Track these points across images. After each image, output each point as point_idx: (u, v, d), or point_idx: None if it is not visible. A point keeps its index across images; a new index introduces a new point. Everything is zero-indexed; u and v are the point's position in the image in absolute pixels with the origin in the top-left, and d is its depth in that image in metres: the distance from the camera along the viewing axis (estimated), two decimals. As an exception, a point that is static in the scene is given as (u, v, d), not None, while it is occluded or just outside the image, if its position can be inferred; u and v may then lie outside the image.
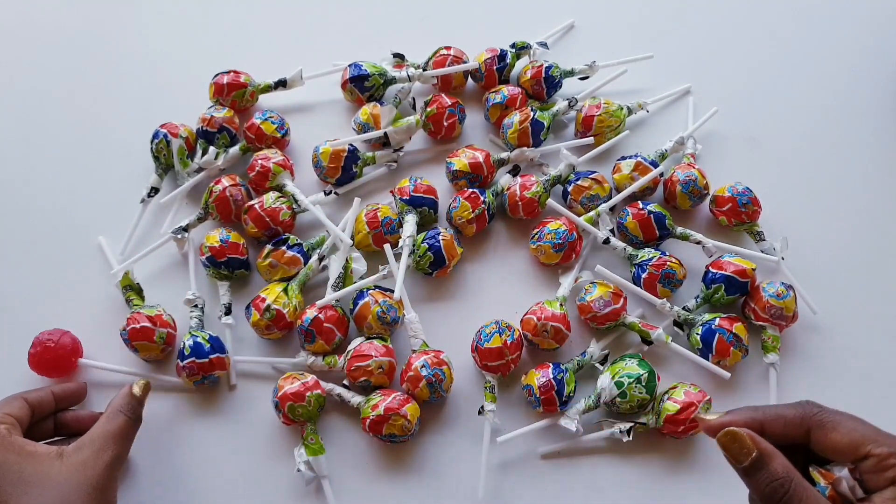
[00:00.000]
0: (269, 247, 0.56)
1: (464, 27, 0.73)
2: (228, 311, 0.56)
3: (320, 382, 0.52)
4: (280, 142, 0.63)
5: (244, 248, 0.57)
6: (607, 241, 0.58)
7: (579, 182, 0.59)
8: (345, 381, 0.53)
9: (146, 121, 0.64)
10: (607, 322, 0.54)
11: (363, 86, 0.65)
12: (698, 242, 0.57)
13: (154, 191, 0.62)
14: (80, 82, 0.71)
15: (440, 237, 0.56)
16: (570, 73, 0.67)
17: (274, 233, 0.58)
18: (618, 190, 0.60)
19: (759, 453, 0.32)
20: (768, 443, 0.32)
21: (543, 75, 0.64)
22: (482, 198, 0.58)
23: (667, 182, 0.61)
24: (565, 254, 0.57)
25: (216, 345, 0.53)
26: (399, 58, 0.68)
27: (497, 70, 0.66)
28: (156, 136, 0.62)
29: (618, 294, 0.54)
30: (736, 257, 0.56)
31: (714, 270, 0.55)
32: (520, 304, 0.56)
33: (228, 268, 0.56)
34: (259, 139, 0.62)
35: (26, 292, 0.59)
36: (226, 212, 0.58)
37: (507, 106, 0.63)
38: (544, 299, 0.55)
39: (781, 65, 0.71)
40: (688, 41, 0.72)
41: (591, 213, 0.58)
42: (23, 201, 0.64)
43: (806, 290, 0.56)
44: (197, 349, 0.52)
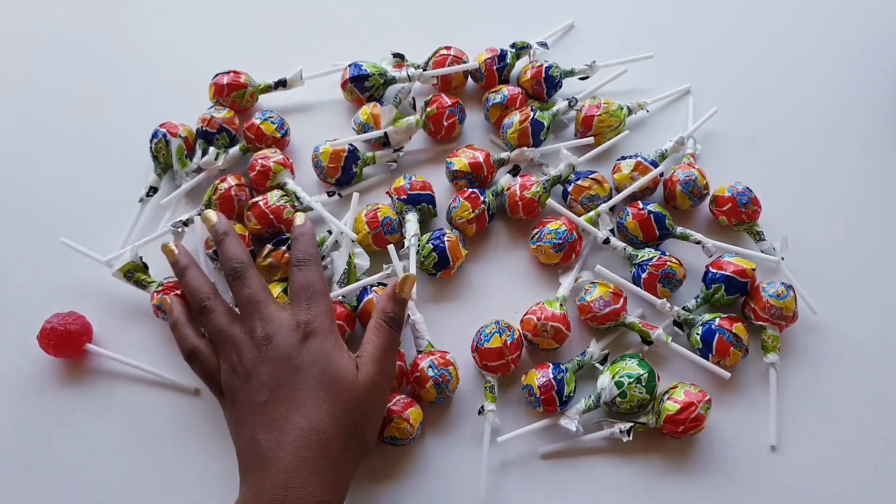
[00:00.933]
0: (269, 247, 0.56)
1: (464, 27, 0.73)
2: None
3: None
4: (280, 142, 0.63)
5: (249, 241, 0.57)
6: (607, 241, 0.58)
7: (579, 182, 0.59)
8: None
9: (145, 120, 0.64)
10: (607, 322, 0.54)
11: (363, 86, 0.65)
12: (698, 242, 0.57)
13: (153, 190, 0.62)
14: (79, 81, 0.71)
15: (445, 238, 0.56)
16: (570, 73, 0.67)
17: (276, 230, 0.58)
18: (618, 190, 0.60)
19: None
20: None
21: (543, 75, 0.64)
22: (482, 198, 0.58)
23: (667, 182, 0.61)
24: (565, 254, 0.57)
25: None
26: (399, 58, 0.68)
27: (497, 70, 0.66)
28: (155, 135, 0.62)
29: (618, 294, 0.54)
30: (736, 257, 0.56)
31: (714, 270, 0.55)
32: (519, 304, 0.56)
33: None
34: (259, 139, 0.62)
35: (31, 287, 0.60)
36: (228, 210, 0.58)
37: (507, 106, 0.63)
38: (544, 299, 0.55)
39: (781, 65, 0.71)
40: (688, 41, 0.72)
41: (591, 213, 0.58)
42: (23, 199, 0.64)
43: (806, 290, 0.56)
44: None
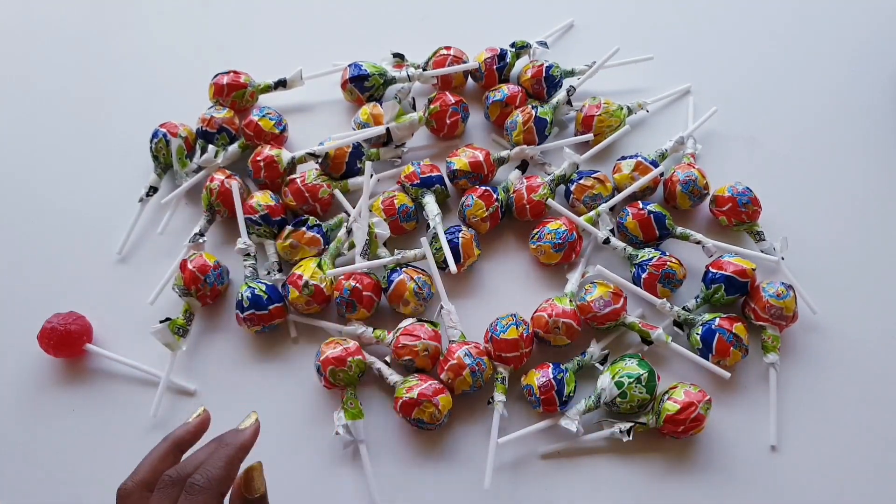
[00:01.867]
0: (289, 227, 0.57)
1: (464, 27, 0.73)
2: (280, 269, 0.58)
3: (363, 350, 0.53)
4: (278, 138, 0.63)
5: (285, 210, 0.60)
6: (607, 241, 0.58)
7: (582, 181, 0.59)
8: (387, 358, 0.54)
9: (145, 120, 0.64)
10: (607, 322, 0.54)
11: (363, 86, 0.65)
12: (698, 242, 0.57)
13: (153, 190, 0.62)
14: (79, 81, 0.71)
15: (460, 235, 0.56)
16: (571, 72, 0.67)
17: (311, 208, 0.59)
18: (618, 190, 0.60)
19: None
20: None
21: (544, 74, 0.64)
22: (495, 195, 0.58)
23: (667, 182, 0.61)
24: (565, 254, 0.57)
25: (273, 295, 0.55)
26: (399, 58, 0.68)
27: (497, 69, 0.66)
28: (155, 135, 0.62)
29: (618, 294, 0.54)
30: (736, 257, 0.56)
31: (714, 270, 0.55)
32: (527, 301, 0.56)
33: (281, 226, 0.58)
34: (257, 136, 0.62)
35: (31, 287, 0.60)
36: (229, 203, 0.58)
37: (507, 104, 0.63)
38: (553, 296, 0.55)
39: (781, 64, 0.71)
40: (688, 41, 0.72)
41: (591, 213, 0.58)
42: (23, 199, 0.64)
43: (806, 290, 0.56)
44: (256, 301, 0.54)
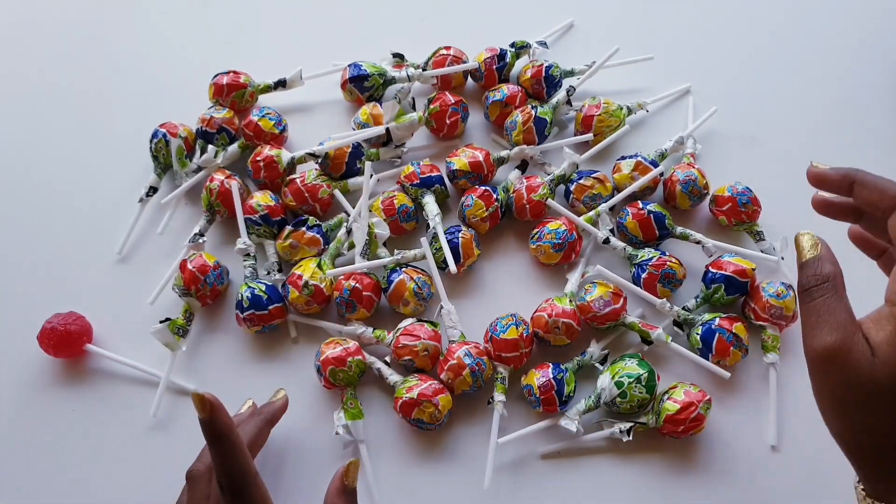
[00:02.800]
0: (289, 228, 0.57)
1: (463, 27, 0.73)
2: (280, 269, 0.58)
3: (363, 351, 0.53)
4: (278, 138, 0.63)
5: (285, 210, 0.60)
6: (607, 241, 0.58)
7: (582, 181, 0.59)
8: (387, 358, 0.54)
9: (145, 120, 0.64)
10: (607, 322, 0.54)
11: (363, 86, 0.65)
12: (698, 242, 0.57)
13: (152, 190, 0.62)
14: (80, 81, 0.71)
15: (460, 235, 0.56)
16: (570, 72, 0.67)
17: (311, 208, 0.59)
18: (618, 190, 0.60)
19: (818, 255, 0.37)
20: (832, 255, 0.37)
21: (544, 74, 0.64)
22: (495, 195, 0.58)
23: (667, 182, 0.61)
24: (565, 254, 0.57)
25: (273, 295, 0.55)
26: (399, 58, 0.68)
27: (497, 69, 0.66)
28: (155, 135, 0.62)
29: (618, 294, 0.54)
30: (736, 257, 0.56)
31: (714, 270, 0.55)
32: (526, 301, 0.56)
33: (280, 226, 0.58)
34: (257, 136, 0.62)
35: (31, 287, 0.60)
36: (229, 204, 0.58)
37: (506, 104, 0.63)
38: (553, 296, 0.55)
39: (781, 64, 0.71)
40: (687, 41, 0.72)
41: (591, 213, 0.58)
42: (23, 199, 0.64)
43: (806, 290, 0.56)
44: (256, 301, 0.54)
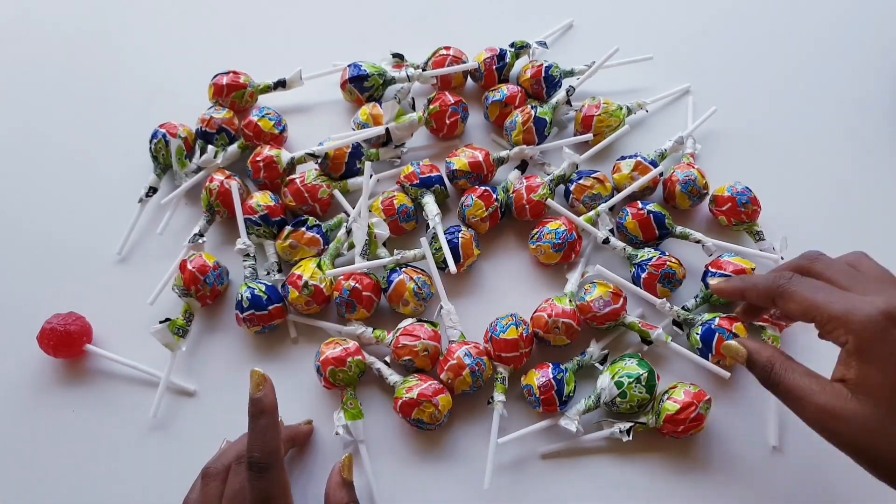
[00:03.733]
0: (288, 228, 0.57)
1: (463, 27, 0.73)
2: (279, 269, 0.58)
3: (363, 351, 0.53)
4: (277, 138, 0.63)
5: (284, 211, 0.60)
6: (607, 241, 0.58)
7: (581, 181, 0.59)
8: (387, 358, 0.54)
9: (145, 120, 0.64)
10: (607, 322, 0.54)
11: (362, 86, 0.65)
12: (698, 241, 0.57)
13: (152, 190, 0.62)
14: (79, 81, 0.71)
15: (459, 235, 0.57)
16: (570, 72, 0.67)
17: (311, 209, 0.59)
18: (617, 190, 0.60)
19: (748, 351, 0.42)
20: (755, 342, 0.42)
21: (543, 74, 0.64)
22: (494, 195, 0.58)
23: (666, 182, 0.61)
24: (565, 254, 0.57)
25: (273, 295, 0.55)
26: (398, 58, 0.68)
27: (496, 69, 0.66)
28: (154, 135, 0.62)
29: (617, 294, 0.54)
30: (735, 257, 0.56)
31: (714, 270, 0.55)
32: (526, 301, 0.56)
33: (280, 227, 0.58)
34: (257, 136, 0.62)
35: (31, 288, 0.60)
36: (229, 204, 0.58)
37: (506, 104, 0.63)
38: (553, 296, 0.55)
39: (781, 64, 0.71)
40: (687, 41, 0.72)
41: (591, 213, 0.58)
42: (23, 199, 0.64)
43: (806, 290, 0.56)
44: (256, 301, 0.54)
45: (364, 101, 0.65)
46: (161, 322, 0.54)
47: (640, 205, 0.58)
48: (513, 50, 0.67)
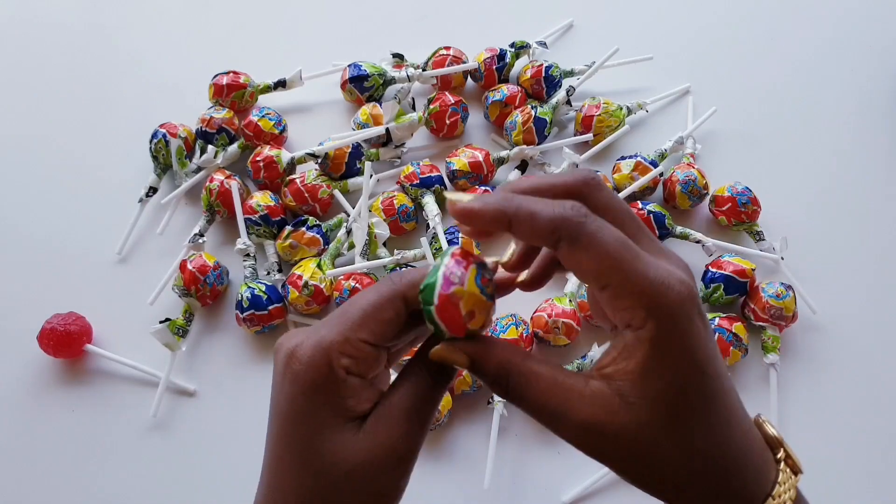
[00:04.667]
0: (288, 228, 0.57)
1: (463, 27, 0.73)
2: (280, 269, 0.58)
3: None
4: (278, 138, 0.63)
5: (284, 210, 0.60)
6: (607, 241, 0.57)
7: (579, 182, 0.59)
8: None
9: (145, 120, 0.64)
10: (607, 322, 0.54)
11: (363, 86, 0.65)
12: (698, 242, 0.57)
13: (152, 190, 0.62)
14: (79, 81, 0.71)
15: (460, 235, 0.57)
16: (570, 72, 0.67)
17: (311, 209, 0.59)
18: (618, 190, 0.60)
19: (472, 360, 0.28)
20: (481, 345, 0.28)
21: (543, 75, 0.64)
22: None
23: (666, 182, 0.61)
24: (565, 254, 0.57)
25: (273, 295, 0.55)
26: (398, 58, 0.68)
27: (496, 69, 0.66)
28: (155, 135, 0.62)
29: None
30: (735, 257, 0.56)
31: (713, 270, 0.55)
32: (526, 301, 0.55)
33: (280, 227, 0.58)
34: (257, 136, 0.62)
35: (31, 288, 0.60)
36: (229, 204, 0.58)
37: (506, 104, 0.63)
38: (553, 296, 0.55)
39: (781, 64, 0.71)
40: (687, 41, 0.72)
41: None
42: (23, 199, 0.64)
43: (805, 290, 0.56)
44: (256, 302, 0.54)
45: (364, 101, 0.65)
46: (161, 322, 0.54)
47: (640, 205, 0.58)
48: (513, 50, 0.67)
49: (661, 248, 0.28)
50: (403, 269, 0.30)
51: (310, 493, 0.28)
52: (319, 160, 0.61)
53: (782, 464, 0.29)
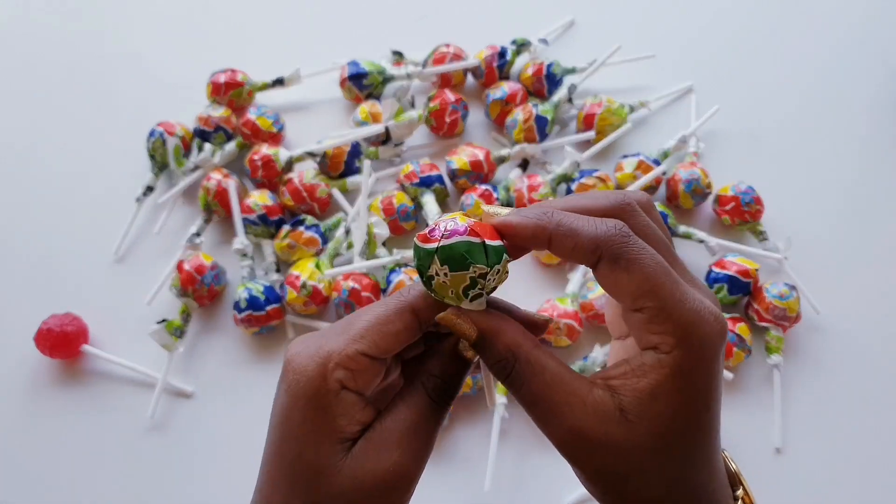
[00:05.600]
0: (286, 227, 0.57)
1: (463, 24, 0.72)
2: (278, 269, 0.57)
3: None
4: (276, 137, 0.62)
5: (282, 209, 0.59)
6: (609, 241, 0.57)
7: (583, 180, 0.59)
8: None
9: (143, 120, 0.63)
10: (609, 322, 0.53)
11: (362, 84, 0.64)
12: (701, 241, 0.57)
13: (149, 189, 0.61)
14: (77, 80, 0.70)
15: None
16: (572, 70, 0.66)
17: (309, 208, 0.59)
18: (620, 189, 0.59)
19: (481, 334, 0.27)
20: (495, 319, 0.27)
21: (544, 72, 0.64)
22: (495, 194, 0.58)
23: (669, 181, 0.60)
24: (566, 253, 0.56)
25: (271, 295, 0.54)
26: (398, 55, 0.67)
27: (497, 67, 0.65)
28: (152, 134, 0.61)
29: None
30: (739, 257, 0.55)
31: (717, 270, 0.55)
32: (527, 302, 0.55)
33: (278, 226, 0.58)
34: (255, 134, 0.62)
35: (27, 288, 0.59)
36: (225, 203, 0.58)
37: (507, 102, 0.63)
38: (555, 297, 0.55)
39: (784, 62, 0.70)
40: (689, 39, 0.72)
41: (593, 213, 0.58)
42: (20, 199, 0.64)
43: (809, 291, 0.56)
44: (253, 302, 0.53)
45: (363, 99, 0.65)
46: (158, 322, 0.53)
47: (642, 204, 0.57)
48: (514, 47, 0.67)
49: (693, 279, 0.28)
50: (413, 283, 0.29)
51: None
52: (318, 159, 0.60)
53: (740, 502, 0.29)
